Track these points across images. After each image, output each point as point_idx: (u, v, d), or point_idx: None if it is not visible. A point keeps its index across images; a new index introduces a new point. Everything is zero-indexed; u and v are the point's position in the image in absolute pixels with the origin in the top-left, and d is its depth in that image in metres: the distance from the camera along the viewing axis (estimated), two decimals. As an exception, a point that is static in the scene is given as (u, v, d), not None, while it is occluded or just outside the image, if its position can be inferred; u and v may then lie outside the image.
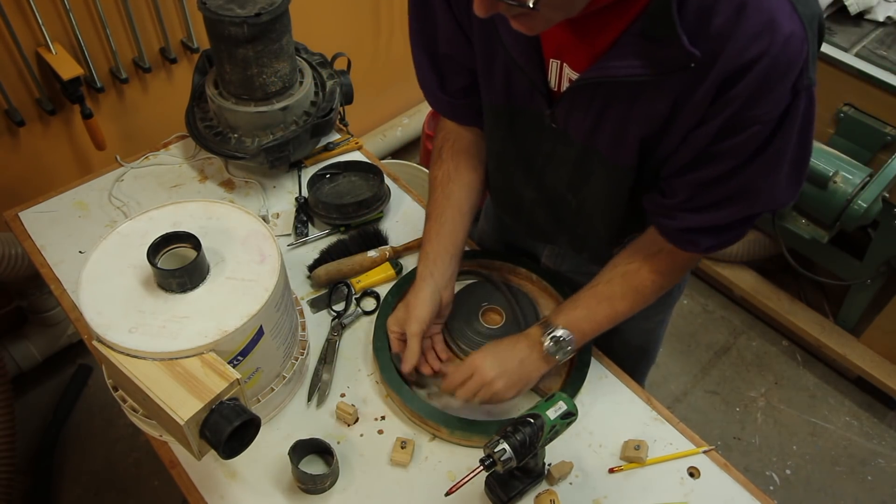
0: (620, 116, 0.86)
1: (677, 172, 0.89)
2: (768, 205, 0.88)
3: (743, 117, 0.78)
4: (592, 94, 0.86)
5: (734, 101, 0.77)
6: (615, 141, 0.90)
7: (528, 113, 0.97)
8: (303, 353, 1.09)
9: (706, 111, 0.80)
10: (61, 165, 1.84)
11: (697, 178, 0.87)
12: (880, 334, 2.10)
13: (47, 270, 1.25)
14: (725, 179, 0.85)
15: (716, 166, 0.84)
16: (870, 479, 2.03)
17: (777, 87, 0.75)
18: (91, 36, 1.69)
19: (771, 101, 0.76)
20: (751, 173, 0.83)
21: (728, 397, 2.22)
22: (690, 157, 0.86)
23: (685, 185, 0.89)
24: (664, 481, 1.02)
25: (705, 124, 0.81)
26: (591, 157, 0.95)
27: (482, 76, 0.99)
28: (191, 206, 1.05)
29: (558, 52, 0.86)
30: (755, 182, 0.85)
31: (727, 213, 0.90)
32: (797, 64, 0.74)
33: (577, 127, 0.92)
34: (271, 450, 1.03)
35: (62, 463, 1.97)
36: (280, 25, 1.27)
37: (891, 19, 1.97)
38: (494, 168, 1.12)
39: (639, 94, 0.82)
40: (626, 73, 0.78)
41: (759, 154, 0.81)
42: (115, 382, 1.01)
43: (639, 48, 0.76)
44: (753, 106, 0.77)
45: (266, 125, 1.36)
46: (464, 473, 0.87)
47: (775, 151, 0.81)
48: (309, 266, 1.26)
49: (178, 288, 0.93)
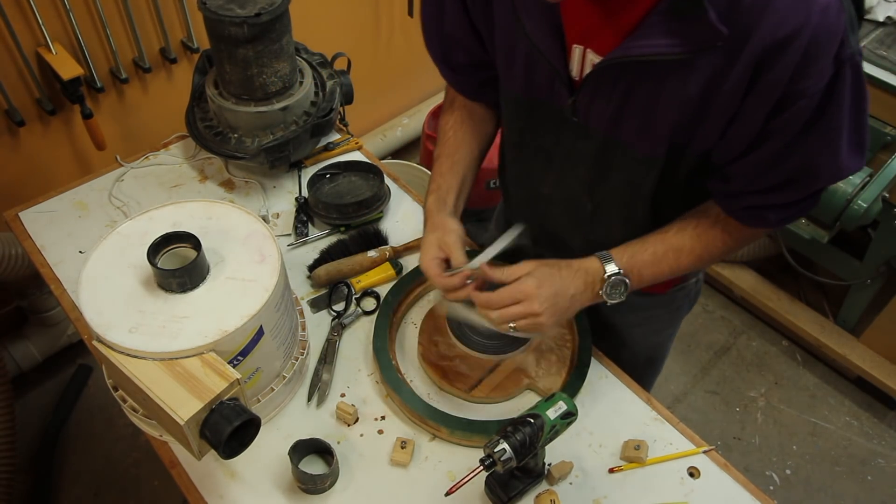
0: (647, 101, 0.83)
1: (733, 159, 0.86)
2: (833, 177, 0.85)
3: (787, 94, 0.76)
4: (617, 76, 0.83)
5: (776, 81, 0.75)
6: (641, 129, 0.87)
7: (547, 106, 0.95)
8: (303, 353, 1.10)
9: (747, 94, 0.77)
10: (61, 165, 1.84)
11: (754, 160, 0.84)
12: (880, 334, 2.10)
13: (47, 270, 1.25)
14: (782, 158, 0.82)
15: (770, 146, 0.82)
16: (870, 479, 2.03)
17: (819, 60, 0.73)
18: (91, 36, 1.69)
19: (814, 75, 0.74)
20: (808, 149, 0.81)
21: (728, 397, 2.22)
22: (745, 143, 0.83)
23: (743, 169, 0.86)
24: (664, 481, 1.02)
25: (751, 108, 0.78)
26: (612, 151, 0.92)
27: (502, 65, 0.98)
28: (191, 206, 1.05)
29: (582, 36, 0.84)
30: (814, 157, 0.82)
31: (792, 192, 0.87)
32: (837, 34, 0.72)
33: (599, 116, 0.89)
34: (271, 450, 1.03)
35: (62, 463, 1.97)
36: (280, 25, 1.27)
37: (891, 19, 1.97)
38: (512, 160, 1.12)
39: (667, 75, 0.80)
40: (652, 52, 0.76)
41: (812, 129, 0.79)
42: (115, 382, 1.01)
43: (666, 26, 0.74)
44: (798, 81, 0.74)
45: (266, 125, 1.36)
46: (464, 473, 0.87)
47: (829, 124, 0.78)
48: (309, 266, 1.26)
49: (178, 288, 0.93)
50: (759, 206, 0.90)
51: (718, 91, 0.78)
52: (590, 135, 0.93)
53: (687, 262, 0.96)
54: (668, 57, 0.76)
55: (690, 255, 0.95)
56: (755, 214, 0.91)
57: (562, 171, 1.02)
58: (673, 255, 0.95)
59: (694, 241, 0.95)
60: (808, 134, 0.79)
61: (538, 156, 1.04)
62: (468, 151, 1.10)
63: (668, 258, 0.96)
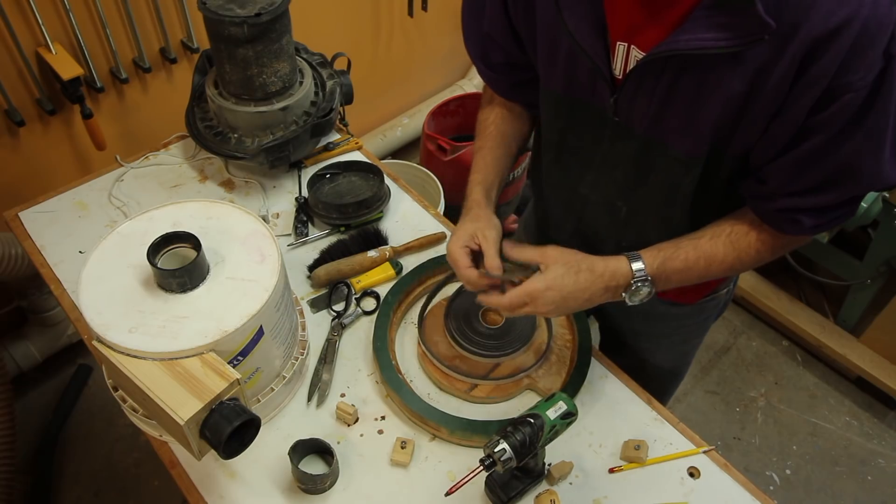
0: (691, 97, 0.82)
1: (771, 158, 0.84)
2: (874, 183, 0.81)
3: (834, 86, 0.73)
4: (661, 72, 0.82)
5: (823, 73, 0.72)
6: (684, 127, 0.85)
7: (588, 106, 0.94)
8: (303, 353, 1.10)
9: (791, 88, 0.75)
10: (61, 165, 1.84)
11: (792, 158, 0.82)
12: (880, 334, 2.10)
13: (47, 270, 1.25)
14: (822, 157, 0.80)
15: (811, 143, 0.79)
16: (870, 479, 2.03)
17: (868, 53, 0.71)
18: (91, 36, 1.69)
19: (863, 68, 0.71)
20: (850, 149, 0.78)
21: (728, 397, 2.22)
22: (786, 139, 0.81)
23: (780, 167, 0.84)
24: (664, 481, 1.02)
25: (795, 102, 0.76)
26: (653, 151, 0.91)
27: (544, 64, 0.97)
28: (191, 206, 1.05)
29: (627, 33, 0.83)
30: (856, 158, 0.79)
31: (830, 195, 0.83)
32: (888, 27, 0.70)
33: (640, 115, 0.88)
34: (271, 450, 1.03)
35: (62, 463, 1.97)
36: (280, 25, 1.27)
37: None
38: (551, 161, 1.10)
39: (712, 70, 0.78)
40: (698, 46, 0.74)
41: (856, 126, 0.76)
42: (115, 382, 1.01)
43: (711, 20, 0.73)
44: (844, 73, 0.72)
45: (266, 125, 1.36)
46: (464, 473, 0.87)
47: (874, 123, 0.76)
48: (309, 266, 1.26)
49: (178, 288, 0.93)
50: (793, 208, 0.86)
51: (764, 85, 0.76)
52: (630, 135, 0.92)
53: (718, 270, 0.94)
54: (714, 51, 0.74)
55: (722, 264, 0.93)
56: (789, 218, 0.88)
57: (600, 172, 1.01)
58: (704, 263, 0.93)
59: (727, 249, 0.93)
60: (851, 131, 0.76)
61: (577, 156, 1.03)
62: (507, 149, 1.11)
63: (698, 266, 0.93)
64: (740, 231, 0.92)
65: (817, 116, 0.77)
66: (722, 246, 0.93)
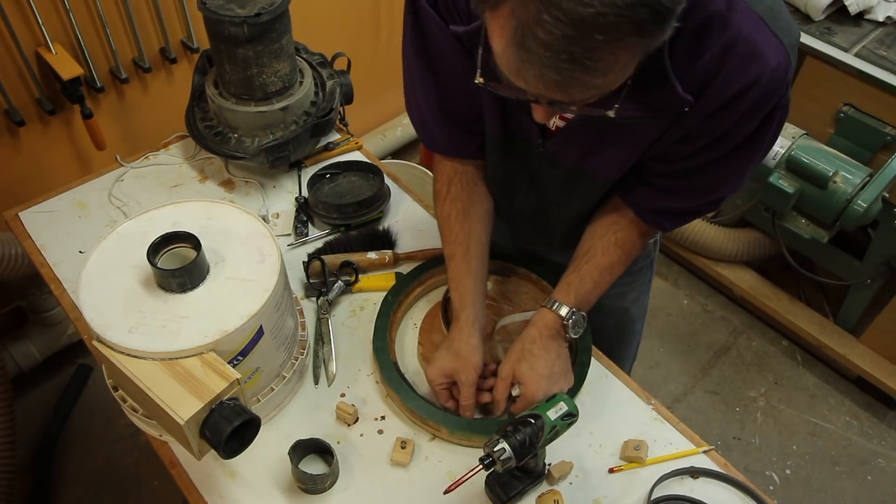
0: (613, 146, 0.92)
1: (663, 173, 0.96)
2: (729, 193, 0.96)
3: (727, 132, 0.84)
4: (587, 129, 0.91)
5: (719, 125, 0.83)
6: (608, 163, 0.96)
7: (518, 139, 1.01)
8: (303, 353, 1.10)
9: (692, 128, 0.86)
10: (61, 165, 1.84)
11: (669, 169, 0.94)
12: (880, 334, 2.10)
13: (47, 270, 1.25)
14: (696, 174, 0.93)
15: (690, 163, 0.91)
16: (870, 479, 2.03)
17: (760, 111, 0.81)
18: (91, 36, 1.69)
19: (752, 121, 0.83)
20: (723, 171, 0.91)
21: (728, 397, 2.22)
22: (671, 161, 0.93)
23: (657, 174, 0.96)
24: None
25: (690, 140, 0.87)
26: (578, 177, 1.01)
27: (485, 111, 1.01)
28: (191, 206, 1.05)
29: None
30: (725, 178, 0.93)
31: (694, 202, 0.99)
32: (781, 90, 0.79)
33: (568, 155, 0.97)
34: (271, 450, 1.03)
35: (62, 463, 1.97)
36: (280, 25, 1.27)
37: (891, 19, 1.97)
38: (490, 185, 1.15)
39: (631, 128, 0.88)
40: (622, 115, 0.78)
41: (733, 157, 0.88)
42: (115, 382, 1.01)
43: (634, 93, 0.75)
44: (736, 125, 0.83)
45: (266, 125, 1.36)
46: (464, 473, 0.87)
47: (749, 154, 0.88)
48: (309, 254, 1.27)
49: (178, 288, 0.93)
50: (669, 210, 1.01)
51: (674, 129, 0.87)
52: (559, 165, 1.00)
53: (619, 271, 1.07)
54: (638, 121, 0.84)
55: (620, 265, 1.06)
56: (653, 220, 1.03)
57: (532, 191, 1.09)
58: (608, 274, 1.06)
59: (620, 254, 1.05)
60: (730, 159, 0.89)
61: (511, 180, 1.10)
62: (479, 244, 1.10)
63: (604, 278, 1.06)
64: (623, 235, 1.05)
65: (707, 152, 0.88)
66: (614, 254, 1.05)
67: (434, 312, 1.20)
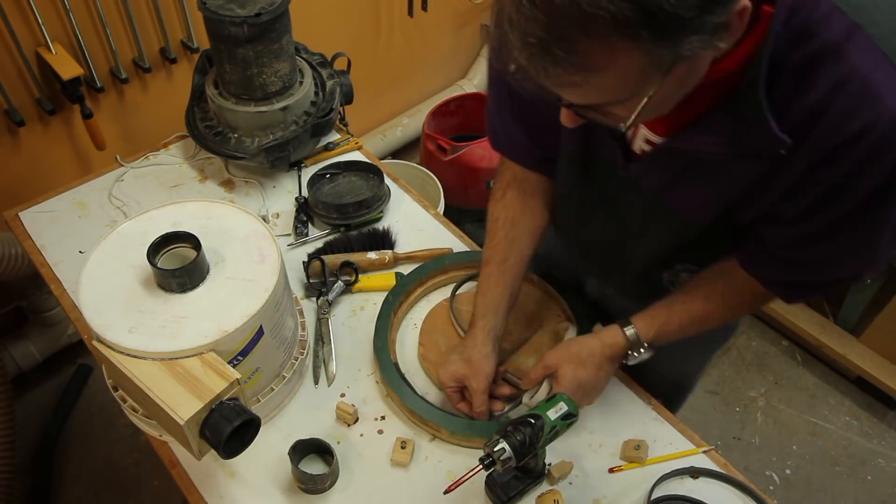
0: (699, 181, 0.83)
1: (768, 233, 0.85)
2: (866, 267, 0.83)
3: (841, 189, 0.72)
4: (673, 159, 0.83)
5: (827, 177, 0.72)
6: (695, 201, 0.86)
7: (600, 161, 0.93)
8: (303, 353, 1.10)
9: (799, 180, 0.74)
10: (61, 165, 1.84)
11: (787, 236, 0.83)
12: (880, 334, 2.10)
13: (47, 270, 1.25)
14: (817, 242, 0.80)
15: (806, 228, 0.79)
16: (870, 479, 2.03)
17: (881, 164, 0.69)
18: (91, 36, 1.69)
19: (872, 176, 0.70)
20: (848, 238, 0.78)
21: (728, 397, 2.21)
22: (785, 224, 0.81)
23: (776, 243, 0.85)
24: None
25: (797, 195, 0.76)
26: (662, 210, 0.91)
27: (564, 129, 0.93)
28: (191, 206, 1.05)
29: None
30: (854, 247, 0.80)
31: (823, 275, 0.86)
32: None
33: (652, 183, 0.89)
34: (271, 450, 1.03)
35: (62, 463, 1.97)
36: (280, 25, 1.27)
37: (891, 19, 1.97)
38: (560, 205, 1.09)
39: (723, 165, 0.78)
40: (708, 148, 0.74)
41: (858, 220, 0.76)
42: (115, 382, 1.01)
43: (724, 124, 0.71)
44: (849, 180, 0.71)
45: (266, 125, 1.36)
46: (464, 473, 0.87)
47: (876, 216, 0.75)
48: (309, 254, 1.27)
49: (178, 288, 0.93)
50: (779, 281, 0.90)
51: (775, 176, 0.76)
52: (641, 192, 0.91)
53: (712, 325, 0.97)
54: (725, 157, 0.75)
55: (716, 320, 0.96)
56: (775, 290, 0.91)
57: (607, 216, 1.01)
58: (699, 324, 0.96)
59: (722, 309, 0.95)
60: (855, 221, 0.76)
61: (587, 204, 1.02)
62: (518, 255, 1.06)
63: (693, 326, 0.96)
64: (733, 290, 0.94)
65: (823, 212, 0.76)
66: (716, 306, 0.95)
67: (435, 313, 1.20)
